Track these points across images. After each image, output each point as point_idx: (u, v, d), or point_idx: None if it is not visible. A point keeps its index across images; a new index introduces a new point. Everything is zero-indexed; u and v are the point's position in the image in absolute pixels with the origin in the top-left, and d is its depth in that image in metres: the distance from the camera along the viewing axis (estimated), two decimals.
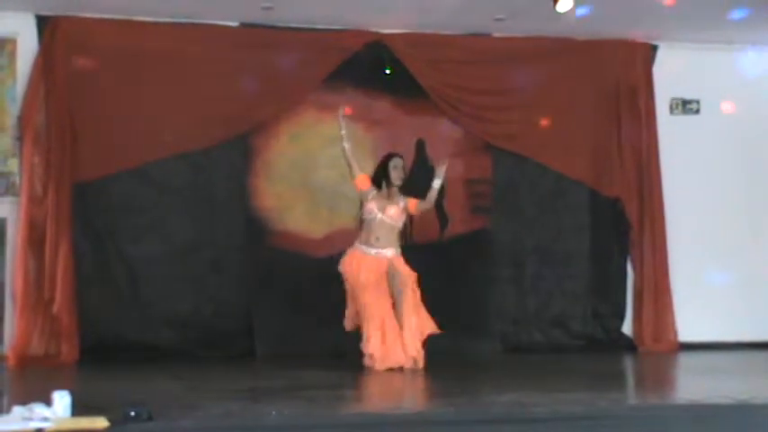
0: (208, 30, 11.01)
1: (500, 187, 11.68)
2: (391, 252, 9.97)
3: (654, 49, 11.91)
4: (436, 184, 10.10)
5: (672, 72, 11.88)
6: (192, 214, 11.01)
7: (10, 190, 10.57)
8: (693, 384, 9.41)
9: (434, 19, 11.00)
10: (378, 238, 9.93)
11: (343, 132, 9.97)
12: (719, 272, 11.86)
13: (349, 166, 10.05)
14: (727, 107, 12.06)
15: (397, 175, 10.05)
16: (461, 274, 11.40)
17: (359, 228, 10.20)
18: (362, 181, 10.06)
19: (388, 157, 10.18)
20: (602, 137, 11.82)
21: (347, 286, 9.96)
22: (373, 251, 9.92)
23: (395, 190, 10.06)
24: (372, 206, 9.96)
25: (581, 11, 10.40)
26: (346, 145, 9.97)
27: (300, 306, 10.92)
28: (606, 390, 8.33)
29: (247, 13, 10.84)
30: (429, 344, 10.06)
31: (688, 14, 10.82)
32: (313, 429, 6.57)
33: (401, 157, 10.23)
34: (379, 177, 10.09)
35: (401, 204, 10.04)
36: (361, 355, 9.75)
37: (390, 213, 9.96)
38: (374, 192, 10.02)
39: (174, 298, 10.88)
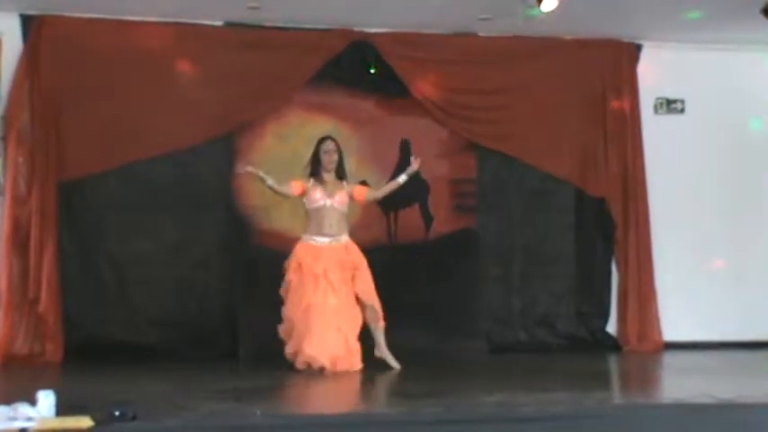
0: (193, 29, 11.00)
1: (485, 187, 11.69)
2: (345, 238, 9.88)
3: (638, 48, 11.93)
4: (401, 179, 9.99)
5: (656, 72, 11.91)
6: (178, 213, 11.00)
7: None
8: (678, 384, 9.43)
9: (420, 18, 11.01)
10: (331, 225, 9.81)
11: (261, 175, 9.78)
12: (704, 271, 11.89)
13: (281, 194, 9.92)
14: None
15: (328, 159, 9.90)
16: (446, 274, 11.40)
17: (306, 221, 9.99)
18: (296, 187, 9.88)
19: (320, 140, 10.06)
20: (588, 136, 11.82)
21: (290, 283, 9.82)
22: (327, 240, 9.83)
23: (333, 176, 9.93)
24: (319, 194, 9.82)
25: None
26: (269, 181, 9.79)
27: None
28: (591, 389, 8.34)
29: (233, 13, 10.83)
30: (415, 343, 10.07)
31: (672, 14, 10.86)
32: (298, 429, 6.57)
33: (333, 139, 10.06)
34: (314, 163, 9.96)
35: (346, 189, 9.91)
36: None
37: (338, 199, 9.82)
38: (312, 181, 9.91)
39: (159, 297, 10.87)
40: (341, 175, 10.01)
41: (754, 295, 11.95)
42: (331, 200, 9.82)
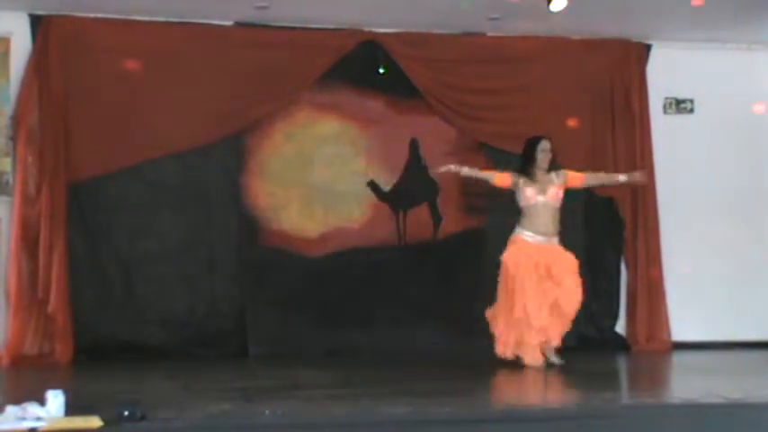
0: (202, 29, 11.00)
1: (494, 186, 11.65)
2: (555, 240, 9.96)
3: (647, 48, 11.92)
4: (622, 178, 10.30)
5: (665, 71, 11.89)
6: (187, 214, 11.00)
7: (3, 189, 10.54)
8: (687, 383, 9.41)
9: (428, 18, 11.01)
10: (546, 224, 9.87)
11: (454, 169, 10.00)
12: (713, 271, 11.87)
13: (483, 179, 10.09)
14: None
15: (545, 158, 9.93)
16: (455, 274, 11.39)
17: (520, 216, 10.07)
18: (503, 179, 9.99)
19: (537, 140, 10.03)
20: (596, 136, 11.82)
21: (504, 277, 9.90)
22: (541, 238, 9.89)
23: (542, 172, 9.95)
24: (531, 192, 9.86)
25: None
26: (464, 170, 10.00)
27: (294, 305, 10.93)
28: (600, 389, 8.33)
29: (242, 13, 10.84)
30: (423, 342, 10.05)
31: (682, 13, 10.84)
32: (306, 429, 6.57)
33: (549, 139, 10.07)
34: (527, 161, 9.96)
35: (556, 182, 9.93)
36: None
37: (552, 194, 9.86)
38: (523, 178, 9.92)
39: (168, 297, 10.88)
40: (552, 168, 10.01)
41: (763, 295, 11.93)
42: (544, 196, 9.85)
